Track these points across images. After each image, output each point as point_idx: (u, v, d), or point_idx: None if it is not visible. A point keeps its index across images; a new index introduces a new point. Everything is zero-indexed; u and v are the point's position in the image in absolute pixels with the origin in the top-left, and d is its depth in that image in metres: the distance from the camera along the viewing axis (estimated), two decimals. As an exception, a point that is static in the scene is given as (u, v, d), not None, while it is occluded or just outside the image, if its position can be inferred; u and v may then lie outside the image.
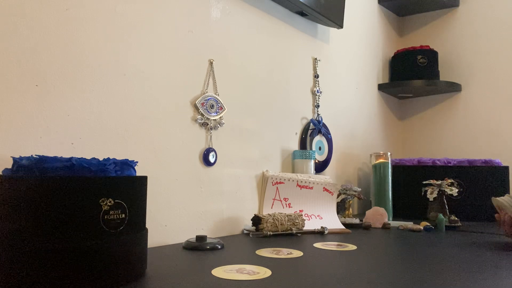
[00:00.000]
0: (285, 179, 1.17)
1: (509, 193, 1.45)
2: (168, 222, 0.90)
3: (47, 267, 0.48)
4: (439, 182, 1.30)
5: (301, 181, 1.19)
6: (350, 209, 1.28)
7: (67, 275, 0.49)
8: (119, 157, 0.81)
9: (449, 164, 1.52)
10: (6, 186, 0.51)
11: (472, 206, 1.43)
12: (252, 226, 1.02)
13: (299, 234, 1.02)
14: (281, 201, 1.16)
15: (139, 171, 0.67)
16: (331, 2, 1.37)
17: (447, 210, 1.27)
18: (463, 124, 1.89)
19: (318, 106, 1.42)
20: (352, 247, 0.87)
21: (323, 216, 1.18)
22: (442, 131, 1.95)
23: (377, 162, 1.45)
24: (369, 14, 1.83)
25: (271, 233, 0.98)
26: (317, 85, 1.43)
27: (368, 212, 1.25)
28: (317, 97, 1.42)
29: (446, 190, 1.27)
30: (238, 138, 1.10)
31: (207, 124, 1.00)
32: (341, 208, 1.29)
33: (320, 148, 1.39)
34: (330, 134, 1.45)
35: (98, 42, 0.80)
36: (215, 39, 1.04)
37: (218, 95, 1.03)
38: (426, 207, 1.32)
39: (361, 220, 1.23)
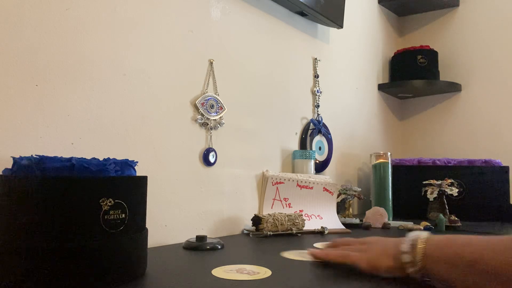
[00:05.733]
0: (285, 179, 1.17)
1: (509, 193, 1.45)
2: (168, 222, 0.90)
3: (47, 267, 0.48)
4: (439, 182, 1.30)
5: (301, 181, 1.19)
6: (350, 209, 1.28)
7: (67, 275, 0.49)
8: (119, 157, 0.81)
9: (449, 164, 1.52)
10: (6, 186, 0.51)
11: (472, 206, 1.43)
12: (252, 226, 1.02)
13: (299, 234, 1.02)
14: (281, 201, 1.16)
15: (139, 171, 0.67)
16: (331, 2, 1.37)
17: (447, 210, 1.27)
18: (463, 124, 1.89)
19: (318, 106, 1.42)
20: (352, 247, 0.86)
21: (323, 216, 1.18)
22: (442, 131, 1.95)
23: (377, 162, 1.45)
24: (369, 14, 1.83)
25: (271, 233, 0.98)
26: (317, 85, 1.43)
27: (368, 212, 1.25)
28: (317, 97, 1.42)
29: (446, 190, 1.27)
30: (238, 138, 1.10)
31: (207, 124, 1.00)
32: (341, 208, 1.28)
33: (320, 148, 1.39)
34: (330, 134, 1.45)
35: (98, 42, 0.80)
36: (215, 39, 1.04)
37: (218, 95, 1.03)
38: (426, 207, 1.32)
39: (361, 220, 1.23)
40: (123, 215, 0.54)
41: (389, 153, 1.47)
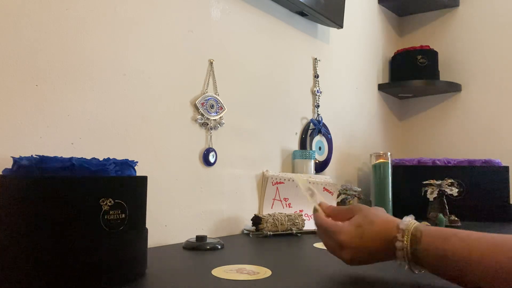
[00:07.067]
0: (285, 179, 1.17)
1: (509, 193, 1.45)
2: (168, 222, 0.90)
3: (47, 267, 0.48)
4: (439, 182, 1.30)
5: (301, 181, 1.19)
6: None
7: (67, 275, 0.49)
8: (119, 157, 0.81)
9: (449, 164, 1.52)
10: (6, 186, 0.51)
11: (472, 206, 1.43)
12: (252, 226, 1.02)
13: (299, 234, 1.02)
14: (281, 201, 1.16)
15: (139, 171, 0.68)
16: (331, 2, 1.37)
17: (447, 210, 1.27)
18: (463, 124, 1.89)
19: (318, 106, 1.42)
20: (352, 247, 0.86)
21: (323, 216, 1.17)
22: (442, 131, 1.95)
23: (377, 162, 1.45)
24: (369, 14, 1.83)
25: (271, 233, 0.98)
26: (317, 85, 1.43)
27: (368, 212, 1.25)
28: (317, 97, 1.42)
29: (446, 190, 1.27)
30: (238, 138, 1.10)
31: (207, 124, 1.00)
32: (341, 208, 1.28)
33: (320, 148, 1.39)
34: (330, 134, 1.45)
35: (98, 42, 0.80)
36: (215, 39, 1.04)
37: (218, 95, 1.03)
38: (426, 207, 1.32)
39: (361, 220, 1.22)
40: (123, 215, 0.54)
41: (389, 153, 1.47)
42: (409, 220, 0.56)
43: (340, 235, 0.58)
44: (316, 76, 1.43)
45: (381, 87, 1.88)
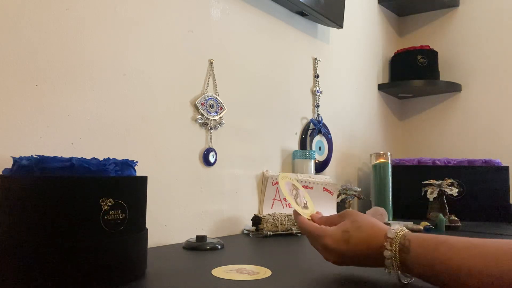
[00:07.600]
0: (285, 179, 1.16)
1: (509, 193, 1.45)
2: (168, 222, 0.90)
3: (47, 267, 0.48)
4: (439, 182, 1.30)
5: (301, 181, 1.19)
6: (350, 209, 1.28)
7: (66, 275, 0.49)
8: (119, 157, 0.81)
9: (449, 164, 1.52)
10: (6, 186, 0.51)
11: (472, 206, 1.43)
12: (252, 226, 1.02)
13: (299, 234, 1.02)
14: (281, 201, 1.16)
15: (139, 171, 0.68)
16: (331, 2, 1.37)
17: (447, 210, 1.27)
18: (463, 124, 1.89)
19: (318, 106, 1.42)
20: (352, 247, 0.86)
21: (323, 216, 1.17)
22: (442, 131, 1.95)
23: (377, 162, 1.45)
24: (369, 14, 1.83)
25: (271, 233, 0.98)
26: (317, 85, 1.43)
27: (368, 212, 1.25)
28: (317, 97, 1.42)
29: (446, 190, 1.27)
30: (238, 138, 1.10)
31: (207, 124, 1.00)
32: (341, 208, 1.28)
33: (320, 148, 1.39)
34: (330, 134, 1.45)
35: (98, 42, 0.80)
36: (215, 39, 1.04)
37: (218, 95, 1.03)
38: (426, 207, 1.32)
39: (361, 220, 1.22)
40: (123, 215, 0.54)
41: (389, 153, 1.47)
42: (398, 228, 0.56)
43: (324, 239, 0.59)
44: (316, 76, 1.43)
45: (381, 87, 1.88)
